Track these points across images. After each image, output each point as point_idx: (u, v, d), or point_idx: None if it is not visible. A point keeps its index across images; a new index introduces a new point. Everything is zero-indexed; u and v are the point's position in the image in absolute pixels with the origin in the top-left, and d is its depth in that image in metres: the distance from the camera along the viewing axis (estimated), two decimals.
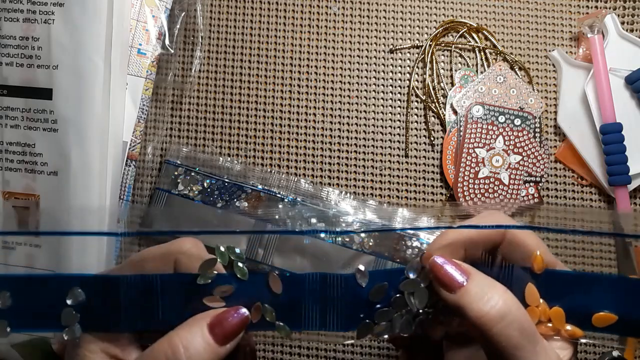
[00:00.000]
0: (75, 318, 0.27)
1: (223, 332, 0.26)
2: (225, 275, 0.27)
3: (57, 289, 0.27)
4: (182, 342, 0.25)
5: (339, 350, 0.45)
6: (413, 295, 0.27)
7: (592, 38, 0.45)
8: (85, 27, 0.41)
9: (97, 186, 0.41)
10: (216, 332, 0.25)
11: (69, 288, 0.27)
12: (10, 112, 0.42)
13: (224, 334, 0.26)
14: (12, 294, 0.27)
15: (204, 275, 0.26)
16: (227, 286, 0.27)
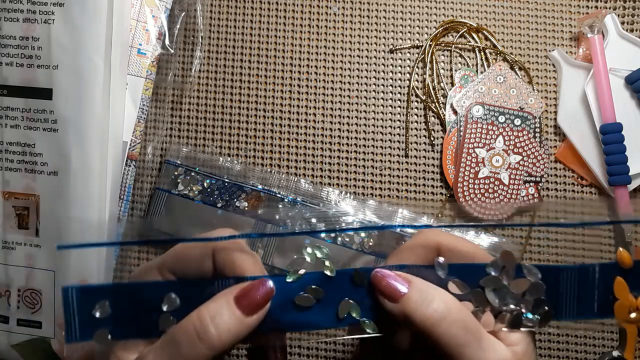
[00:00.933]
0: (172, 323, 0.27)
1: (249, 302, 0.26)
2: (314, 273, 0.28)
3: (152, 295, 0.28)
4: (210, 312, 0.26)
5: (339, 350, 0.45)
6: (494, 292, 0.28)
7: (592, 38, 0.45)
8: (85, 27, 0.41)
9: (97, 186, 0.41)
10: (242, 303, 0.26)
11: (163, 294, 0.27)
12: (10, 112, 0.42)
13: (251, 305, 0.26)
14: (111, 303, 0.28)
15: (293, 273, 0.28)
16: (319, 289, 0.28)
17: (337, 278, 0.28)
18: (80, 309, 0.27)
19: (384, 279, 0.27)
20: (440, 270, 0.28)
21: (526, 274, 0.28)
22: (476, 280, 0.28)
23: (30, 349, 0.43)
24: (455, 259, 0.29)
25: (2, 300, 0.43)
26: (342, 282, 0.28)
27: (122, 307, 0.28)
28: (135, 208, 0.47)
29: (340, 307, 0.28)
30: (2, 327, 0.43)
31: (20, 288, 0.42)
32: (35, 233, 0.42)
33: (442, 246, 0.29)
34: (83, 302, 0.28)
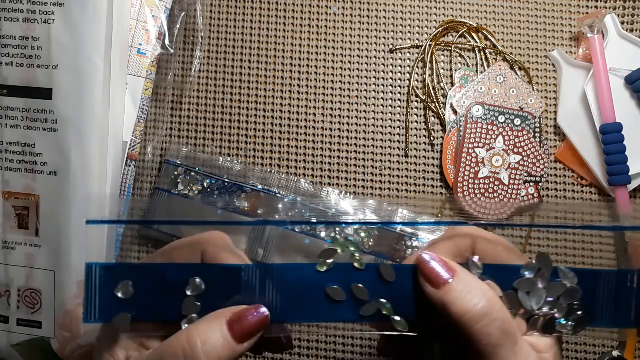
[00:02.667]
0: (196, 308, 0.27)
1: (242, 330, 0.26)
2: (344, 264, 0.27)
3: (177, 278, 0.27)
4: (201, 336, 0.25)
5: (339, 350, 0.45)
6: (528, 295, 0.27)
7: (592, 38, 0.45)
8: (85, 27, 0.41)
9: (97, 186, 0.41)
10: (235, 330, 0.26)
11: (188, 278, 0.27)
12: (10, 112, 0.42)
13: (243, 332, 0.26)
14: (134, 284, 0.27)
15: (323, 263, 0.27)
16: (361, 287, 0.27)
17: (365, 272, 0.27)
18: (102, 288, 0.27)
19: (431, 262, 0.27)
20: (475, 270, 0.27)
21: (562, 278, 0.27)
22: (510, 282, 0.27)
23: (30, 349, 0.43)
24: (490, 257, 0.28)
25: (2, 300, 0.43)
26: (371, 276, 0.27)
27: (145, 288, 0.27)
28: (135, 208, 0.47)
29: (370, 305, 0.27)
30: (2, 327, 0.43)
31: (20, 288, 0.42)
32: (35, 233, 0.42)
33: (479, 241, 0.28)
34: (106, 281, 0.27)
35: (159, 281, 0.27)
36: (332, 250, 0.28)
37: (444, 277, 0.26)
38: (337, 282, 0.27)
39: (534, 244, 0.46)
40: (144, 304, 0.27)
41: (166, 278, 0.27)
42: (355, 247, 0.28)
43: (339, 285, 0.27)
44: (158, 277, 0.27)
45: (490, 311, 0.25)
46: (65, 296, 0.42)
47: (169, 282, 0.27)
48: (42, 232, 0.42)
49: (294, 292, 0.27)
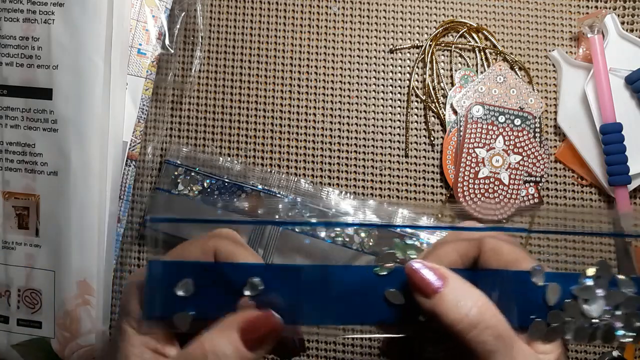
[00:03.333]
0: (251, 307, 0.27)
1: (254, 338, 0.26)
2: (403, 268, 0.27)
3: (236, 278, 0.27)
4: (213, 346, 0.25)
5: (339, 350, 0.45)
6: (588, 302, 0.27)
7: (592, 38, 0.45)
8: (85, 27, 0.41)
9: (97, 186, 0.41)
10: (247, 338, 0.26)
11: (246, 277, 0.27)
12: (10, 112, 0.42)
13: (255, 340, 0.26)
14: (195, 282, 0.27)
15: (382, 267, 0.27)
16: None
17: None
18: (163, 286, 0.27)
19: (418, 271, 0.26)
20: (536, 277, 0.27)
21: (620, 286, 0.27)
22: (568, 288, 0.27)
23: (30, 349, 0.43)
24: (495, 260, 0.28)
25: (2, 300, 0.43)
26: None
27: (205, 287, 0.27)
28: (135, 208, 0.47)
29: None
30: (2, 327, 0.43)
31: (20, 288, 0.42)
32: (35, 233, 0.42)
33: (486, 241, 0.28)
34: (168, 278, 0.27)
35: (218, 280, 0.27)
36: (391, 254, 0.27)
37: (434, 285, 0.26)
38: (395, 286, 0.27)
39: (534, 243, 0.46)
40: (202, 302, 0.27)
41: (226, 277, 0.27)
42: (415, 250, 0.28)
43: (398, 288, 0.27)
44: (218, 275, 0.27)
45: (481, 319, 0.25)
46: (65, 296, 0.42)
47: (228, 281, 0.27)
48: (42, 232, 0.42)
49: (352, 294, 0.27)
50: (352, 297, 0.27)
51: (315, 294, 0.27)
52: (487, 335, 0.25)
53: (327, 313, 0.27)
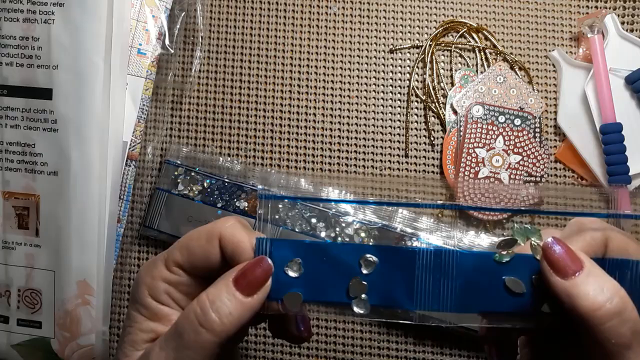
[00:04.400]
0: (363, 288, 0.26)
1: (247, 283, 0.26)
2: (526, 255, 0.26)
3: (347, 258, 0.26)
4: (209, 298, 0.26)
5: (339, 350, 0.45)
6: None
7: (592, 38, 0.45)
8: (85, 27, 0.41)
9: (97, 186, 0.41)
10: (241, 284, 0.26)
11: (358, 256, 0.26)
12: (10, 112, 0.42)
13: (249, 284, 0.26)
14: (304, 262, 0.26)
15: (502, 254, 0.26)
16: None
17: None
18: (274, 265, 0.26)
19: (558, 249, 0.25)
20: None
21: None
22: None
23: (30, 349, 0.43)
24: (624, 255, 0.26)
25: (2, 300, 0.43)
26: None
27: (315, 267, 0.26)
28: (135, 208, 0.47)
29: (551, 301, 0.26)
30: (2, 327, 0.43)
31: (20, 288, 0.42)
32: (35, 233, 0.42)
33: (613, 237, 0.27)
34: (277, 258, 0.26)
35: (328, 260, 0.26)
36: (513, 240, 0.26)
37: (573, 267, 0.25)
38: (516, 274, 0.26)
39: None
40: (312, 283, 0.26)
41: (337, 257, 0.26)
42: (537, 237, 0.26)
43: (519, 276, 0.26)
44: (329, 255, 0.26)
45: (623, 310, 0.24)
46: (65, 296, 0.42)
47: (339, 260, 0.26)
48: (42, 232, 0.42)
49: (471, 280, 0.26)
50: (471, 284, 0.26)
51: (432, 277, 0.26)
52: (627, 328, 0.23)
53: (444, 298, 0.26)
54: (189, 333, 0.25)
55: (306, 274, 0.26)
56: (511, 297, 0.26)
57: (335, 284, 0.26)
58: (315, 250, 0.27)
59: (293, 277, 0.26)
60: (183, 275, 0.28)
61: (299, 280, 0.27)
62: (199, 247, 0.28)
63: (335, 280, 0.26)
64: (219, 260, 0.28)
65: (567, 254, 0.25)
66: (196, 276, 0.28)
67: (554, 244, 0.25)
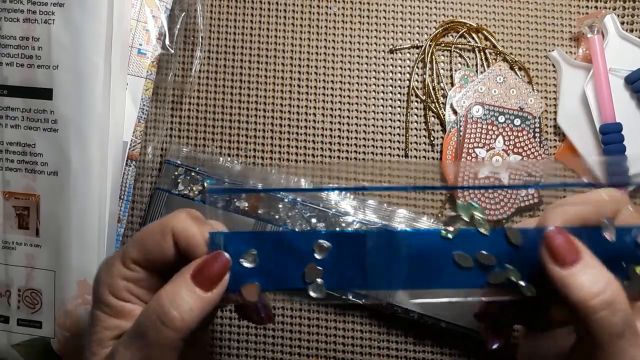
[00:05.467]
0: (318, 273, 0.27)
1: (205, 278, 0.26)
2: (469, 230, 0.27)
3: (301, 245, 0.27)
4: (169, 295, 0.26)
5: (339, 350, 0.45)
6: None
7: (592, 38, 0.45)
8: (85, 27, 0.41)
9: (97, 186, 0.41)
10: (199, 280, 0.26)
11: (312, 243, 0.27)
12: (10, 112, 0.42)
13: (207, 279, 0.26)
14: (259, 253, 0.27)
15: (447, 230, 0.27)
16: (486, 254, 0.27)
17: (491, 237, 0.27)
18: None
19: (558, 238, 0.26)
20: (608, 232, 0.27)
21: None
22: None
23: (30, 349, 0.43)
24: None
25: (2, 300, 0.43)
26: (497, 241, 0.27)
27: (270, 256, 0.27)
28: (135, 208, 0.47)
29: (498, 273, 0.27)
30: (2, 327, 0.43)
31: (20, 288, 0.42)
32: (35, 233, 0.42)
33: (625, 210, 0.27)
34: (232, 251, 0.27)
35: (283, 249, 0.27)
36: (457, 216, 0.27)
37: (571, 257, 0.25)
38: (463, 248, 0.27)
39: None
40: (268, 272, 0.27)
41: (291, 245, 0.27)
42: (479, 211, 0.27)
43: (465, 251, 0.27)
44: (282, 244, 0.27)
45: (615, 300, 0.24)
46: (65, 296, 0.42)
47: (293, 248, 0.27)
48: (42, 232, 0.42)
49: (420, 258, 0.27)
50: (420, 261, 0.27)
51: (382, 258, 0.27)
52: (618, 317, 0.24)
53: (394, 277, 0.27)
54: (151, 332, 0.26)
55: (262, 264, 0.27)
56: (460, 271, 0.27)
57: (291, 271, 0.27)
58: (268, 240, 0.27)
59: (249, 268, 0.27)
60: (141, 272, 0.28)
61: (255, 271, 0.27)
62: (153, 243, 0.28)
63: (291, 267, 0.27)
64: (175, 254, 0.28)
65: (567, 244, 0.26)
66: (154, 270, 0.29)
67: (556, 233, 0.26)
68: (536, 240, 0.27)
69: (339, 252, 0.27)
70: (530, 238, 0.27)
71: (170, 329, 0.25)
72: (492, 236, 0.27)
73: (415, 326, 0.44)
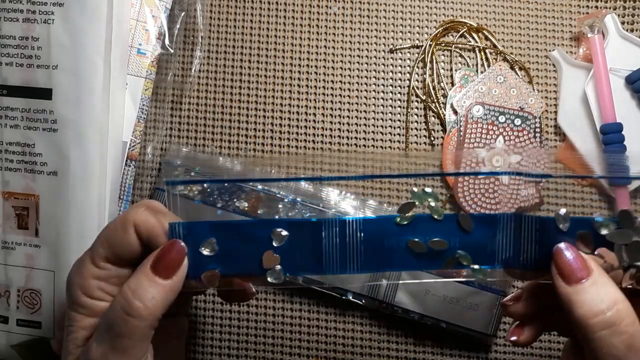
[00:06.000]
0: (276, 260, 0.28)
1: (163, 266, 0.27)
2: (423, 216, 0.28)
3: (258, 233, 0.28)
4: (130, 287, 0.27)
5: (339, 350, 0.45)
6: (625, 248, 0.26)
7: (592, 38, 0.45)
8: (85, 27, 0.41)
9: (96, 186, 0.41)
10: (158, 268, 0.27)
11: (269, 231, 0.28)
12: (10, 112, 0.42)
13: (165, 267, 0.27)
14: (217, 241, 0.28)
15: (403, 217, 0.28)
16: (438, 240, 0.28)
17: (444, 222, 0.28)
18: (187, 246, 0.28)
19: (566, 255, 0.26)
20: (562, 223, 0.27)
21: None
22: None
23: (30, 349, 0.43)
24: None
25: (1, 301, 0.43)
26: (450, 227, 0.28)
27: (228, 245, 0.28)
28: None
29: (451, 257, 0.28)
30: (1, 327, 0.43)
31: (19, 288, 0.42)
32: (35, 233, 0.42)
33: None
34: (191, 239, 0.28)
35: (242, 237, 0.28)
36: (411, 204, 0.28)
37: (579, 275, 0.25)
38: (417, 235, 0.28)
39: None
40: (227, 259, 0.28)
41: (249, 233, 0.28)
42: (433, 198, 0.28)
43: (419, 237, 0.28)
44: (241, 233, 0.28)
45: (617, 322, 0.24)
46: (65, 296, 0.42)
47: (251, 236, 0.28)
48: (41, 232, 0.42)
49: (376, 245, 0.28)
50: (375, 247, 0.28)
51: (338, 244, 0.28)
52: (619, 340, 0.24)
53: (350, 262, 0.28)
54: (118, 324, 0.27)
55: (221, 251, 0.28)
56: (413, 257, 0.29)
57: (250, 258, 0.28)
58: (227, 229, 0.28)
59: (208, 255, 0.28)
60: (111, 268, 0.29)
61: (214, 258, 0.28)
62: (117, 237, 0.29)
63: (249, 255, 0.28)
64: (139, 247, 0.29)
65: (575, 261, 0.26)
66: (124, 265, 0.29)
67: (566, 249, 0.26)
68: (487, 225, 0.28)
69: (296, 240, 0.28)
70: (482, 223, 0.28)
71: (135, 318, 0.26)
72: (445, 222, 0.28)
73: (415, 326, 0.44)
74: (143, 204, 0.29)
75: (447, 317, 0.42)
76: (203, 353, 0.45)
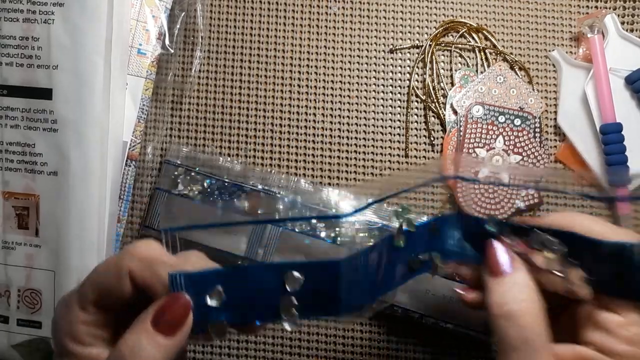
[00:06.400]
0: (290, 303, 0.26)
1: (166, 322, 0.25)
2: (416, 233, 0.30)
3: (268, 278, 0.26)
4: (128, 346, 0.24)
5: (339, 350, 0.45)
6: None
7: (592, 38, 0.45)
8: (85, 27, 0.41)
9: (97, 186, 0.41)
10: (160, 325, 0.25)
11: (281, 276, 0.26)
12: (10, 112, 0.42)
13: (168, 324, 0.25)
14: (225, 290, 0.26)
15: (398, 240, 0.29)
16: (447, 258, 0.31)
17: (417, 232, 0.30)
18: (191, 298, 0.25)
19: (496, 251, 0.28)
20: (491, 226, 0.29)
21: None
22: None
23: (30, 349, 0.43)
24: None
25: (2, 300, 0.43)
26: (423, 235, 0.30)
27: (237, 292, 0.26)
28: (135, 208, 0.47)
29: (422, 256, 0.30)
30: (2, 327, 0.43)
31: (20, 288, 0.42)
32: (35, 233, 0.42)
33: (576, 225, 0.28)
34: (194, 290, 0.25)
35: (252, 283, 0.26)
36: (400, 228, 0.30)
37: (502, 268, 0.28)
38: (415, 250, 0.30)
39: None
40: (236, 308, 0.26)
41: (259, 279, 0.26)
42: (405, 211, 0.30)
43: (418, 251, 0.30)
44: (250, 279, 0.26)
45: (517, 316, 0.26)
46: None
47: (262, 283, 0.26)
48: (42, 232, 0.42)
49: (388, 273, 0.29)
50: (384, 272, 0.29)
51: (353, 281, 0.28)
52: (514, 332, 0.26)
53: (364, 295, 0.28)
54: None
55: (229, 300, 0.26)
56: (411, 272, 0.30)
57: (261, 304, 0.26)
58: (234, 276, 0.26)
59: (214, 306, 0.26)
60: (100, 314, 0.27)
61: (221, 308, 0.26)
62: (109, 284, 0.26)
63: (260, 301, 0.26)
64: (133, 293, 0.26)
65: (501, 257, 0.28)
66: (114, 309, 0.27)
67: (496, 245, 0.29)
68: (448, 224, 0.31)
69: (310, 283, 0.26)
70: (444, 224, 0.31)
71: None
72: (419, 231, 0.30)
73: (416, 326, 0.44)
74: (141, 248, 0.27)
75: (447, 317, 0.42)
76: (203, 353, 0.45)
